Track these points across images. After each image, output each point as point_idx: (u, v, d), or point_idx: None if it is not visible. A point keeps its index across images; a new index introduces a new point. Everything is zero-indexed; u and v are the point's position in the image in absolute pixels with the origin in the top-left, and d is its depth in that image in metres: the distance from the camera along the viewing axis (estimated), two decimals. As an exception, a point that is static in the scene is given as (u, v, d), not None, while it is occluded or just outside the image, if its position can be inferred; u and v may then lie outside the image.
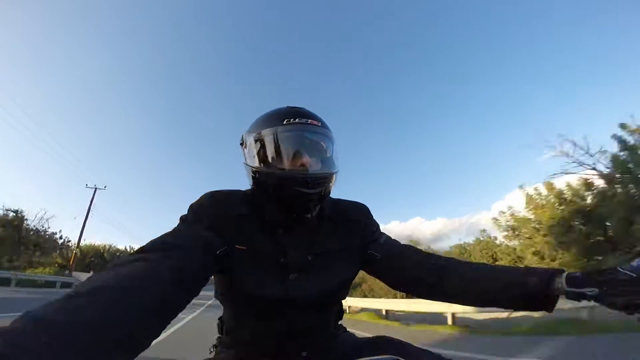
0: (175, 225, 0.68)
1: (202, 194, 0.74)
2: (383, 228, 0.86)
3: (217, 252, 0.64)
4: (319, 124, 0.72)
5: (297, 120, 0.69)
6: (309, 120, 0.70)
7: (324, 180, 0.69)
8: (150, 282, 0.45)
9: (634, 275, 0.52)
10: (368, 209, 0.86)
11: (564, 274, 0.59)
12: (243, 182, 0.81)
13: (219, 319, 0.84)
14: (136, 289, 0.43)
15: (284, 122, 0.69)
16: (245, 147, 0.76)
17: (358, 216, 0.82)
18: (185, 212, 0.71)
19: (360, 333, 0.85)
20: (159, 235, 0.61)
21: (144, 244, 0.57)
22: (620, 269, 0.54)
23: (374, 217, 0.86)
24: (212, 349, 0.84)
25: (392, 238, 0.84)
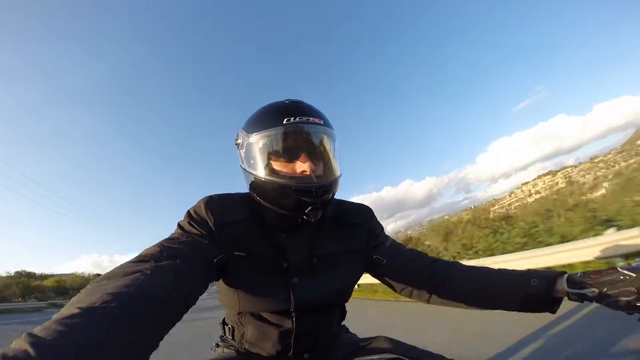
0: (173, 231, 0.67)
1: (200, 198, 0.71)
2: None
3: (215, 260, 0.63)
4: (322, 122, 0.67)
5: (297, 119, 0.64)
6: (311, 119, 0.66)
7: (330, 187, 0.66)
8: (147, 294, 0.45)
9: (634, 275, 0.53)
10: (372, 211, 0.85)
11: (565, 276, 0.60)
12: (241, 185, 0.77)
13: (221, 323, 0.83)
14: (135, 304, 0.42)
15: (284, 122, 0.64)
16: (242, 148, 0.71)
17: (362, 219, 0.81)
18: (183, 218, 0.69)
19: (361, 334, 0.86)
20: (156, 243, 0.60)
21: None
22: (620, 269, 0.55)
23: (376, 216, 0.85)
24: (214, 349, 0.84)
25: (397, 242, 0.83)
